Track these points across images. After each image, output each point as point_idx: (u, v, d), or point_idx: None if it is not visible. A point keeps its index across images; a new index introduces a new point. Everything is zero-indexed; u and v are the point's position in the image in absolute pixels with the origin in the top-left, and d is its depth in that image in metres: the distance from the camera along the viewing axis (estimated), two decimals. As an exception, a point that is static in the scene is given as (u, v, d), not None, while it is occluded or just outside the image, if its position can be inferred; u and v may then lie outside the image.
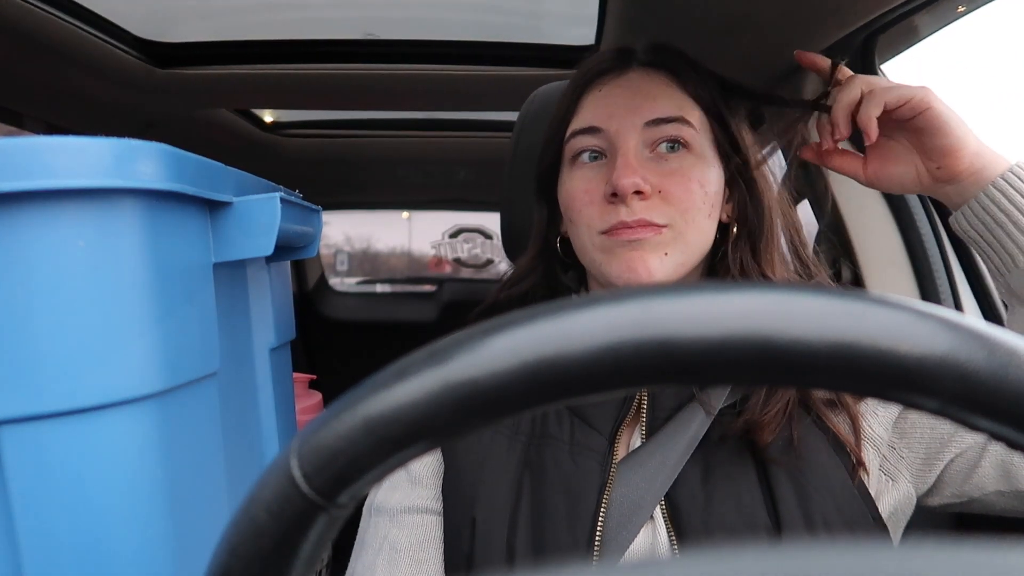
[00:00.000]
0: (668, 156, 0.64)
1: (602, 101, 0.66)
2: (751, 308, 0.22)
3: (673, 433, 0.62)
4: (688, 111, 0.65)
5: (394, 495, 0.65)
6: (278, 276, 0.75)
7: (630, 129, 0.64)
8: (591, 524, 0.59)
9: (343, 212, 2.87)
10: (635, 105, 0.64)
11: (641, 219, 0.61)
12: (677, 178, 0.63)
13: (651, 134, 0.64)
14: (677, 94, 0.66)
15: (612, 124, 0.64)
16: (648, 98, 0.65)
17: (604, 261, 0.64)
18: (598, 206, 0.63)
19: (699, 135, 0.65)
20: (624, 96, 0.65)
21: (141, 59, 1.32)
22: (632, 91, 0.65)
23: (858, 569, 0.16)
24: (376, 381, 0.25)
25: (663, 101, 0.65)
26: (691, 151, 0.64)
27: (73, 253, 0.41)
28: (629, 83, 0.66)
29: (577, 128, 0.66)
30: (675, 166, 0.63)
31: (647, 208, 0.62)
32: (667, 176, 0.63)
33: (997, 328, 0.23)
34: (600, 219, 0.63)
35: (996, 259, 0.61)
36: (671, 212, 0.62)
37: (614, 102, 0.65)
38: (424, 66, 1.38)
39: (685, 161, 0.64)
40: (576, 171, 0.66)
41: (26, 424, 0.41)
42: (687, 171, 0.63)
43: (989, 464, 0.61)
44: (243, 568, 0.26)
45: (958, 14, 0.87)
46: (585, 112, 0.67)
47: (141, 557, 0.44)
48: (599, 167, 0.65)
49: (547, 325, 0.23)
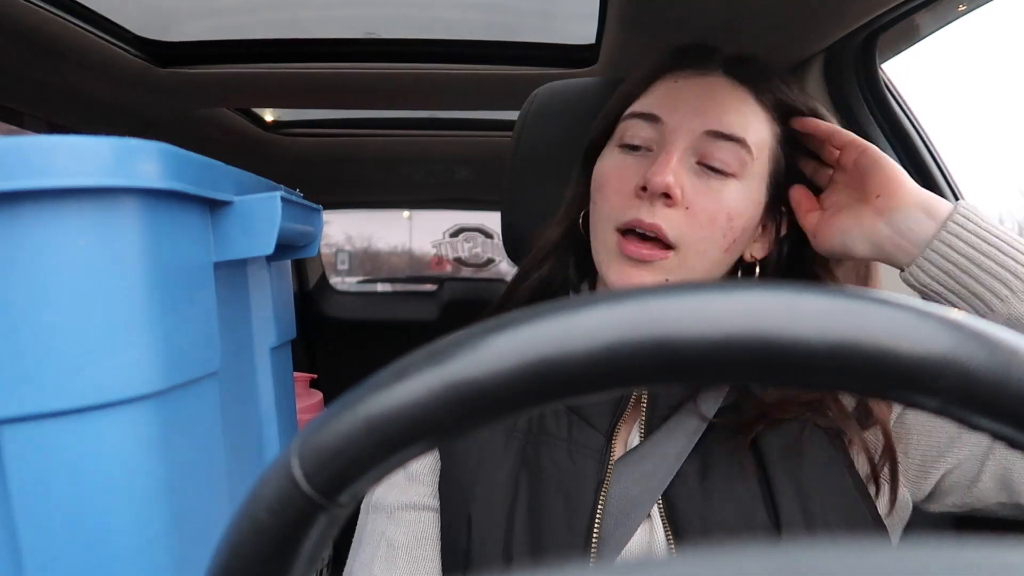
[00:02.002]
0: (711, 174, 0.61)
1: (672, 92, 0.64)
2: (751, 307, 0.22)
3: (671, 431, 0.62)
4: (752, 135, 0.62)
5: (391, 492, 0.65)
6: (279, 275, 0.75)
7: (688, 131, 0.61)
8: (588, 522, 0.59)
9: (344, 211, 2.87)
10: (703, 109, 0.62)
11: (657, 225, 0.59)
12: (709, 200, 0.60)
13: (706, 145, 0.61)
14: (749, 114, 0.63)
15: (672, 119, 0.62)
16: (718, 107, 0.62)
17: (606, 264, 0.63)
18: (624, 197, 0.62)
19: (753, 163, 0.62)
20: (696, 97, 0.63)
21: (142, 58, 1.32)
22: (706, 95, 0.63)
23: (858, 568, 0.17)
24: (377, 380, 0.25)
25: (732, 116, 0.62)
26: (737, 176, 0.61)
27: (73, 252, 0.41)
28: (707, 86, 0.63)
29: (637, 111, 0.64)
30: (713, 187, 0.61)
31: (667, 217, 0.59)
32: (700, 194, 0.60)
33: (998, 327, 0.23)
34: (620, 211, 0.61)
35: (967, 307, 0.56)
36: (687, 232, 0.60)
37: (683, 97, 0.63)
38: (424, 65, 1.38)
39: (725, 187, 0.61)
40: (618, 154, 0.64)
41: (26, 423, 0.41)
42: (722, 198, 0.61)
43: (989, 477, 0.61)
44: (244, 567, 0.26)
45: (959, 13, 0.87)
46: (651, 97, 0.64)
47: (141, 556, 0.44)
48: (641, 158, 0.63)
49: (547, 324, 0.23)
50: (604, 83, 0.88)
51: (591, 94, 0.87)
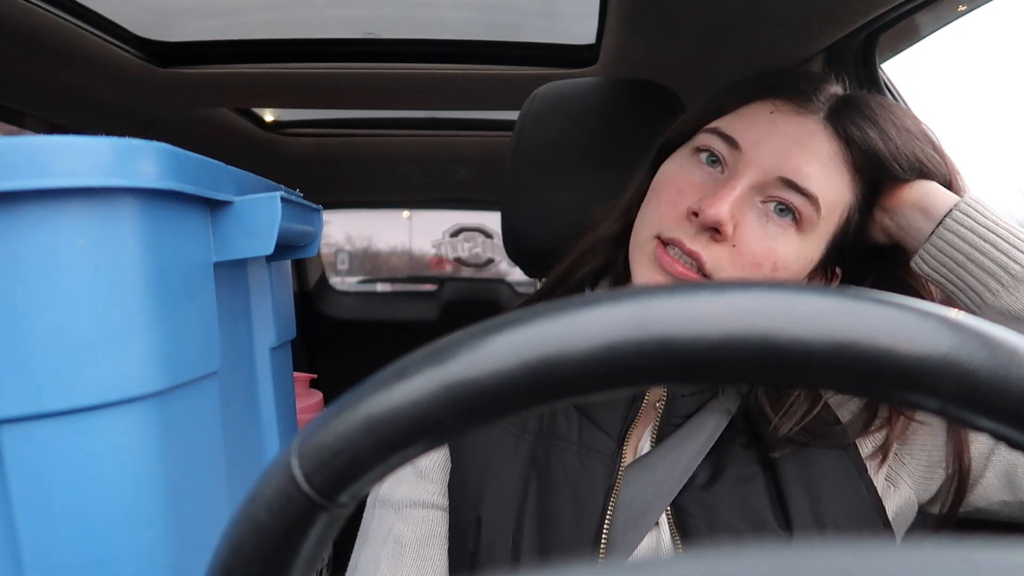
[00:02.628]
0: (771, 217, 0.58)
1: (762, 123, 0.59)
2: (752, 307, 0.22)
3: (684, 439, 0.61)
4: (830, 194, 0.58)
5: (400, 488, 0.65)
6: (279, 275, 0.75)
7: (764, 170, 0.57)
8: (597, 526, 0.59)
9: (344, 211, 2.87)
10: (787, 154, 0.57)
11: (697, 253, 0.56)
12: (760, 245, 0.57)
13: (777, 189, 0.57)
14: (834, 173, 0.58)
15: (751, 152, 0.58)
16: (804, 156, 0.57)
17: (638, 261, 0.60)
18: (676, 212, 0.59)
19: (819, 223, 0.58)
20: (785, 138, 0.58)
21: (142, 58, 1.32)
22: (796, 139, 0.58)
23: (859, 569, 0.16)
24: (377, 380, 0.25)
25: (815, 169, 0.57)
26: (798, 228, 0.58)
27: (73, 252, 0.41)
28: (801, 129, 0.58)
29: (721, 129, 0.60)
30: (769, 232, 0.57)
31: (711, 249, 0.57)
32: (754, 235, 0.57)
33: (998, 327, 0.23)
34: (667, 224, 0.59)
35: (964, 297, 0.58)
36: (727, 268, 0.57)
37: (771, 134, 0.58)
38: (424, 65, 1.38)
39: (782, 234, 0.58)
40: (688, 163, 0.61)
41: (26, 423, 0.41)
42: (775, 246, 0.57)
43: (993, 474, 0.61)
44: (244, 567, 0.26)
45: (959, 13, 0.87)
46: (739, 120, 0.60)
47: (142, 556, 0.44)
48: (710, 175, 0.60)
49: (548, 324, 0.23)
50: (604, 83, 0.88)
51: (591, 94, 0.87)
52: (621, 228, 0.66)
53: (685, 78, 1.09)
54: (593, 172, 0.80)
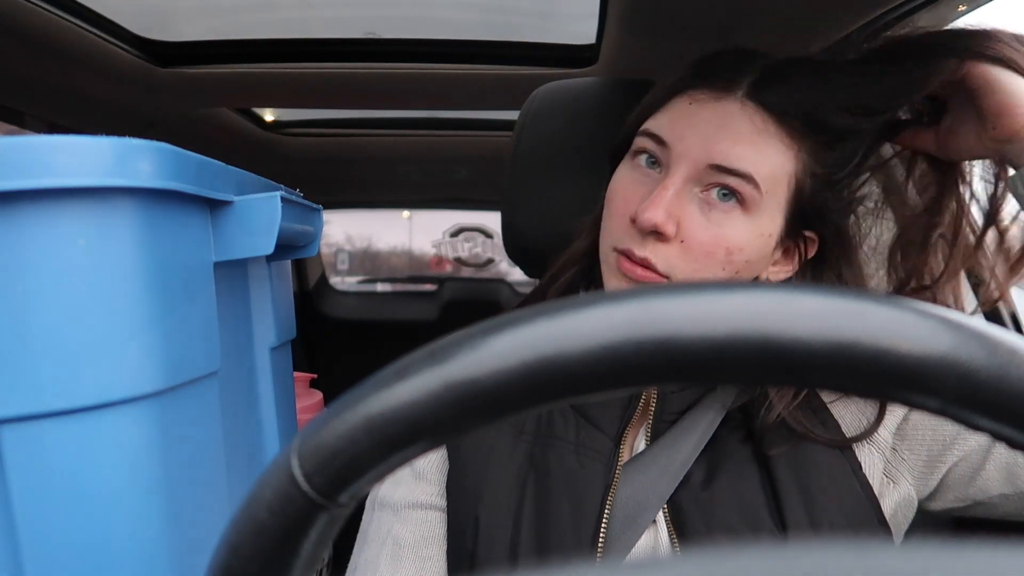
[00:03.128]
0: (714, 204, 0.58)
1: (682, 117, 0.59)
2: (752, 307, 0.22)
3: (679, 436, 0.62)
4: (765, 168, 0.57)
5: (398, 490, 0.65)
6: (279, 275, 0.75)
7: (692, 161, 0.57)
8: (595, 525, 0.59)
9: (344, 211, 2.87)
10: (711, 141, 0.57)
11: (646, 259, 0.57)
12: (706, 234, 0.57)
13: (710, 177, 0.57)
14: (764, 146, 0.57)
15: (679, 146, 0.58)
16: (729, 139, 0.57)
17: (606, 275, 0.62)
18: (623, 222, 0.60)
19: (763, 199, 0.58)
20: (706, 126, 0.58)
21: (142, 58, 1.32)
22: (718, 124, 0.57)
23: (859, 569, 0.16)
24: (377, 380, 0.25)
25: (743, 150, 0.57)
26: (744, 209, 0.58)
27: (73, 252, 0.41)
28: (720, 113, 0.58)
29: (649, 129, 0.61)
30: (714, 219, 0.58)
31: (658, 251, 0.58)
32: (699, 227, 0.57)
33: (998, 328, 0.23)
34: (617, 236, 0.60)
35: None
36: (680, 265, 0.58)
37: (693, 124, 0.58)
38: (424, 65, 1.38)
39: (728, 219, 0.58)
40: (629, 169, 0.62)
41: (26, 423, 0.41)
42: (722, 232, 0.58)
43: (993, 467, 0.61)
44: (244, 567, 0.26)
45: (959, 13, 0.87)
46: (664, 118, 0.60)
47: (141, 556, 0.44)
48: (650, 177, 0.60)
49: (548, 324, 0.23)
50: (604, 83, 0.88)
51: (591, 94, 0.87)
52: (591, 243, 0.67)
53: (685, 78, 1.09)
54: (593, 172, 0.80)
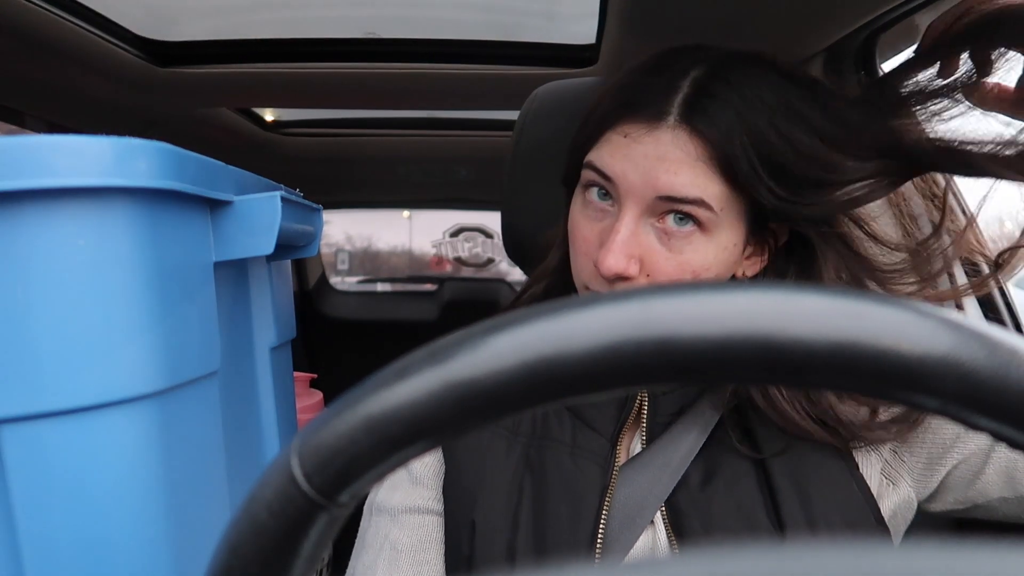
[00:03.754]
0: (672, 232, 0.57)
1: (621, 152, 0.57)
2: (752, 307, 0.22)
3: (675, 437, 0.62)
4: (711, 188, 0.56)
5: (395, 495, 0.65)
6: (279, 275, 0.75)
7: (640, 197, 0.56)
8: (593, 527, 0.59)
9: (344, 211, 2.87)
10: (653, 174, 0.56)
11: None
12: (670, 264, 0.57)
13: (661, 206, 0.56)
14: (704, 168, 0.56)
15: (623, 183, 0.57)
16: (670, 170, 0.55)
17: None
18: (589, 262, 0.59)
19: (720, 216, 0.57)
20: (645, 160, 0.56)
21: (142, 58, 1.32)
22: (655, 157, 0.56)
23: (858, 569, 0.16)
24: (377, 380, 0.25)
25: (685, 175, 0.55)
26: (703, 230, 0.57)
27: (73, 252, 0.41)
28: (655, 145, 0.56)
29: (592, 162, 0.59)
30: (675, 247, 0.57)
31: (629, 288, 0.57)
32: (662, 260, 0.57)
33: (998, 328, 0.23)
34: (587, 276, 0.60)
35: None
36: None
37: (631, 159, 0.57)
38: (424, 65, 1.38)
39: (689, 244, 0.57)
40: (583, 204, 0.61)
41: (26, 423, 0.41)
42: (685, 259, 0.57)
43: (993, 471, 0.61)
44: (244, 567, 0.26)
45: (959, 13, 0.87)
46: (604, 152, 0.59)
47: (141, 556, 0.44)
48: (604, 212, 0.60)
49: (548, 324, 0.23)
50: (604, 83, 0.88)
51: (591, 94, 0.87)
52: (560, 260, 0.68)
53: (685, 78, 1.09)
54: None
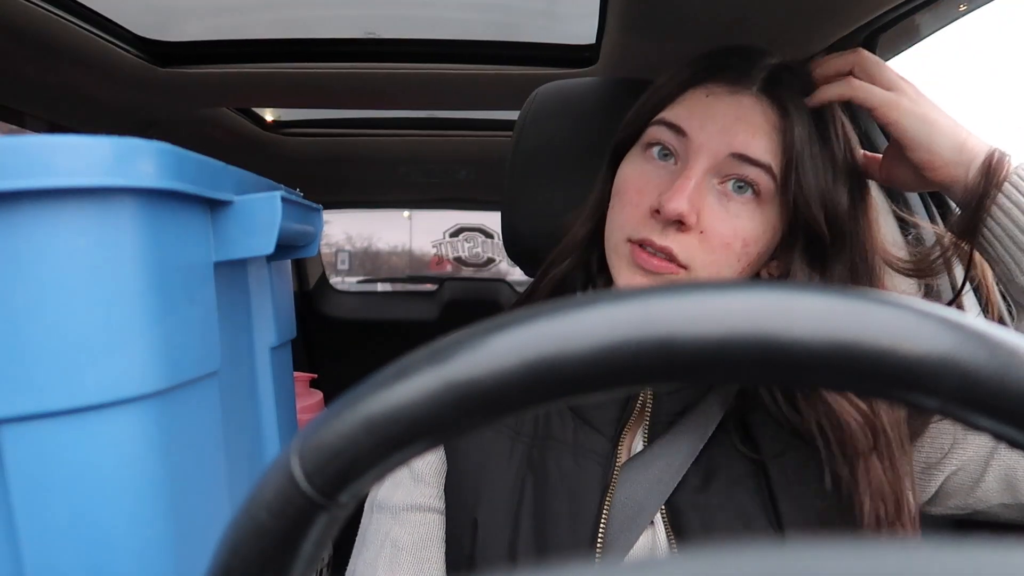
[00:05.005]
0: (731, 196, 0.59)
1: (702, 108, 0.60)
2: (752, 307, 0.22)
3: (676, 437, 0.62)
4: (777, 159, 0.59)
5: (397, 492, 0.65)
6: (279, 275, 0.75)
7: (712, 151, 0.59)
8: (593, 527, 0.59)
9: (344, 211, 2.87)
10: (732, 131, 0.59)
11: (668, 248, 0.58)
12: (725, 226, 0.59)
13: (730, 167, 0.59)
14: (776, 137, 0.59)
15: (699, 136, 0.59)
16: (748, 131, 0.59)
17: (616, 265, 0.62)
18: (639, 212, 0.60)
19: (775, 190, 0.60)
20: (726, 117, 0.59)
21: (142, 58, 1.32)
22: (736, 116, 0.59)
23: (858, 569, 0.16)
24: (377, 380, 0.25)
25: (760, 140, 0.59)
26: (758, 202, 0.59)
27: (73, 252, 0.41)
28: (738, 106, 0.60)
29: (666, 119, 0.61)
30: (732, 211, 0.59)
31: (679, 241, 0.58)
32: (718, 218, 0.59)
33: (998, 327, 0.23)
34: (634, 227, 0.60)
35: (998, 267, 0.59)
36: (699, 255, 0.58)
37: (713, 116, 0.60)
38: (424, 65, 1.38)
39: (745, 210, 0.59)
40: (641, 162, 0.63)
41: (26, 423, 0.41)
42: (740, 224, 0.59)
43: (993, 478, 0.61)
44: (244, 567, 0.26)
45: (959, 13, 0.87)
46: (681, 108, 0.61)
47: (142, 556, 0.44)
48: (665, 169, 0.61)
49: (548, 324, 0.23)
50: (604, 83, 0.88)
51: (591, 94, 0.87)
52: (590, 231, 0.68)
53: (685, 78, 1.09)
54: (593, 172, 0.80)
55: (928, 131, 0.58)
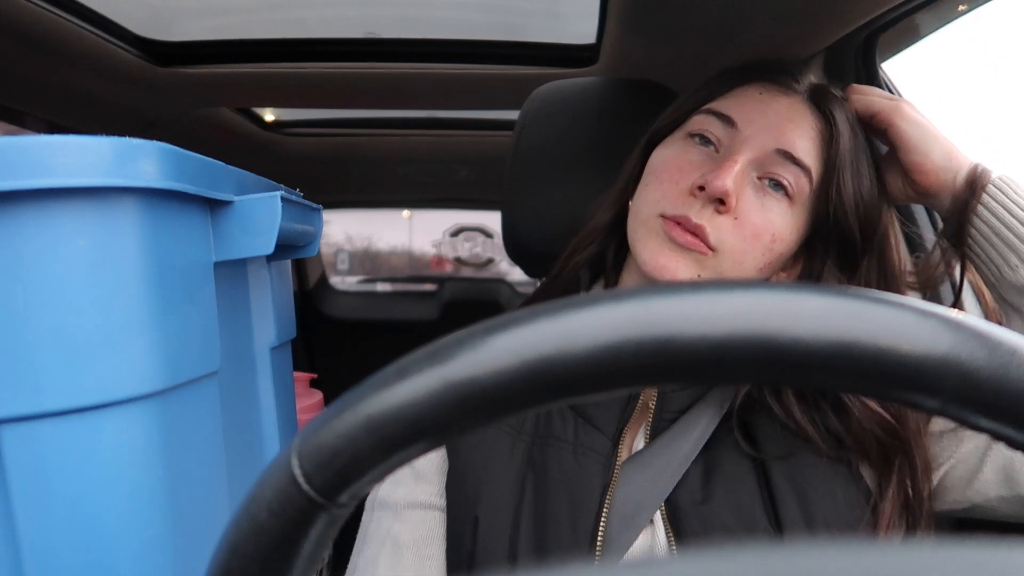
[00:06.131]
0: (767, 191, 0.61)
1: (755, 103, 0.63)
2: (752, 307, 0.22)
3: (678, 435, 0.62)
4: (817, 164, 0.62)
5: (398, 490, 0.65)
6: (279, 275, 0.75)
7: (759, 144, 0.61)
8: (593, 525, 0.59)
9: (344, 211, 2.87)
10: (781, 129, 0.62)
11: (702, 227, 0.59)
12: (759, 216, 0.61)
13: (772, 163, 0.61)
14: (820, 143, 0.63)
15: (749, 128, 0.62)
16: (796, 131, 0.62)
17: (644, 239, 0.62)
18: (678, 190, 0.61)
19: (810, 193, 0.62)
20: (777, 115, 0.62)
21: (142, 58, 1.32)
22: (786, 115, 0.62)
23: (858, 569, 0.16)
24: (377, 380, 0.25)
25: (806, 142, 0.62)
26: (791, 202, 0.62)
27: (73, 252, 0.41)
28: (789, 106, 0.63)
29: (716, 109, 0.64)
30: (767, 204, 0.61)
31: (714, 222, 0.59)
32: (753, 208, 0.61)
33: (998, 327, 0.23)
34: (671, 203, 0.61)
35: (985, 270, 0.62)
36: (730, 240, 0.60)
37: (765, 112, 0.63)
38: (424, 65, 1.38)
39: (778, 207, 0.61)
40: (682, 146, 0.64)
41: (26, 423, 0.41)
42: (772, 217, 0.61)
43: (991, 470, 0.61)
44: (244, 567, 0.26)
45: (959, 12, 0.87)
46: (732, 101, 0.64)
47: (141, 556, 0.44)
48: (704, 155, 0.63)
49: (548, 324, 0.23)
50: (604, 83, 0.88)
51: (591, 94, 0.87)
52: (615, 215, 0.69)
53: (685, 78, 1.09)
54: (593, 172, 0.80)
55: (923, 136, 0.63)
